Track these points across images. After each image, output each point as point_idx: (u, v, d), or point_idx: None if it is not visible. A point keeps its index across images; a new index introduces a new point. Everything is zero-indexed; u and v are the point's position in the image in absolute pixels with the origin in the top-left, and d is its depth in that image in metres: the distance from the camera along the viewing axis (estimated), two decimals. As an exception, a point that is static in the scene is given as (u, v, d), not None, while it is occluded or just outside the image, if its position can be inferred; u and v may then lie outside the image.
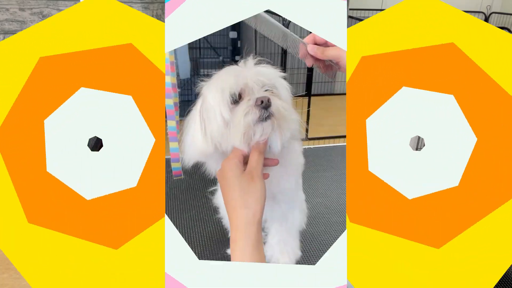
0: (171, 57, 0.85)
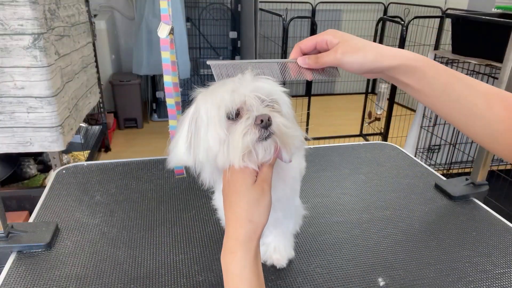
0: (172, 56, 0.85)
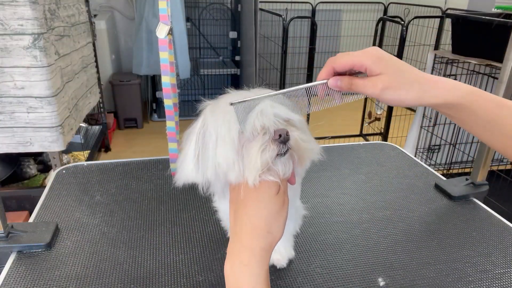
0: (170, 57, 0.84)
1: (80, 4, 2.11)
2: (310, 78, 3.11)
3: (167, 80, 0.85)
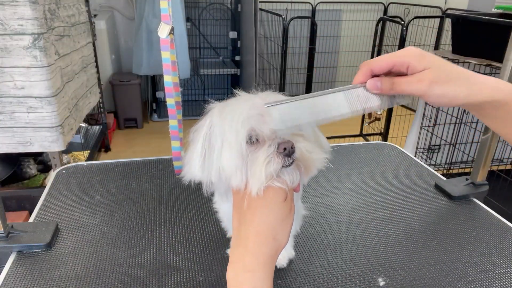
0: (172, 56, 0.84)
1: (80, 4, 2.11)
2: (310, 78, 3.11)
3: (169, 79, 0.85)
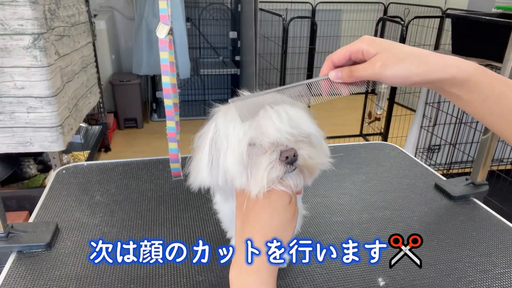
0: (170, 57, 0.84)
1: (80, 4, 2.11)
2: (310, 78, 3.11)
3: (167, 80, 0.85)
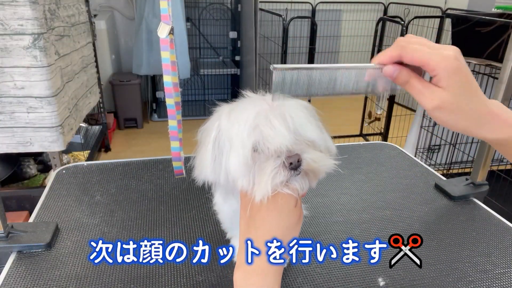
0: (172, 56, 0.84)
1: (80, 4, 2.11)
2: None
3: (169, 79, 0.85)
